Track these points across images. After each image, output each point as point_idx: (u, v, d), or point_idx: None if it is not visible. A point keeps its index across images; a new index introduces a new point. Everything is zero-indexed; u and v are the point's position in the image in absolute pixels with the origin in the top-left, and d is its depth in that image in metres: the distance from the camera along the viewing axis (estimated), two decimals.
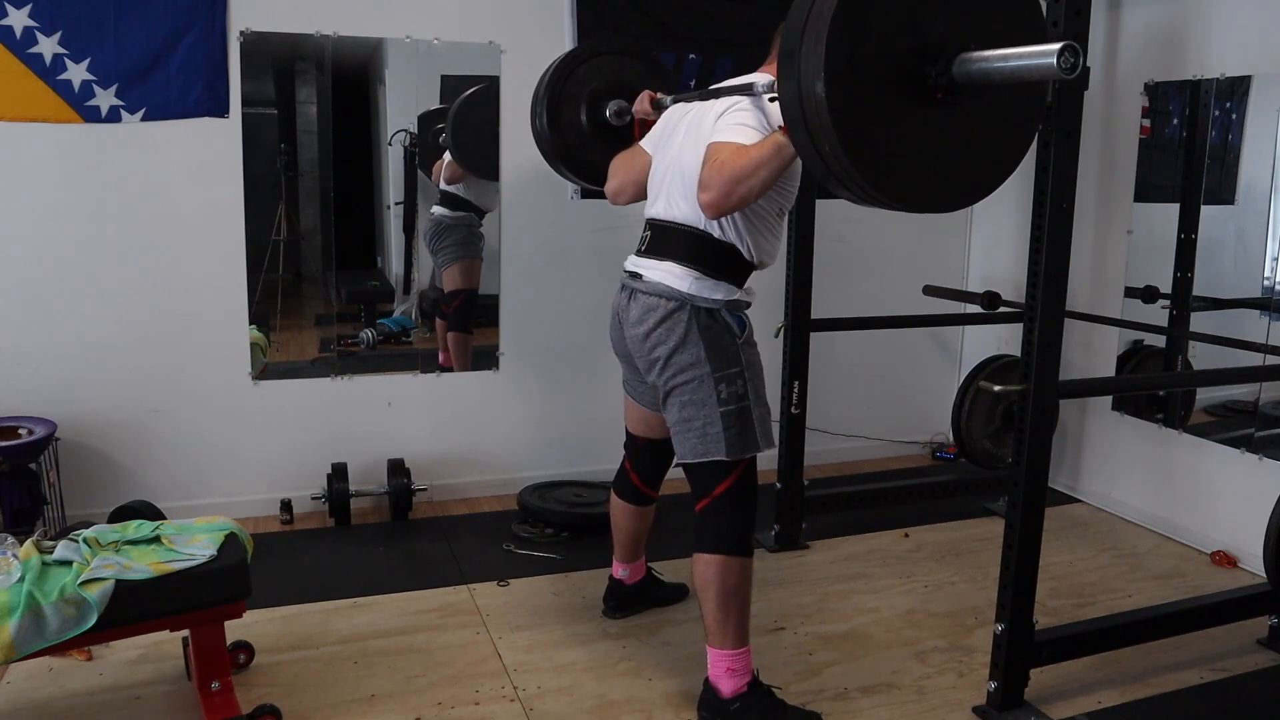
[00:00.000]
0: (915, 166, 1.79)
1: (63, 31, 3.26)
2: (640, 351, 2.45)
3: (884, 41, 1.67)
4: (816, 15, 1.66)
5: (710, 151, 2.22)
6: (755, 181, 2.13)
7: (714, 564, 2.37)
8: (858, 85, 1.66)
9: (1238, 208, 3.68)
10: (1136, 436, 3.96)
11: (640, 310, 2.42)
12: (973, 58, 1.68)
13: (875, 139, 1.72)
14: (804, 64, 1.67)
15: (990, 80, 1.68)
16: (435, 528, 3.74)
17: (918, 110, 1.73)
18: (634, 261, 2.50)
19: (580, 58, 3.01)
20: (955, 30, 1.70)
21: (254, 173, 3.61)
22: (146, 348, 3.58)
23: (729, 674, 2.39)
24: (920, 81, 1.71)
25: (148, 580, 2.18)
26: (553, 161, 3.07)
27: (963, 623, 3.04)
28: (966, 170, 1.86)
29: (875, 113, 1.70)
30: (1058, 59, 1.57)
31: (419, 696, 2.55)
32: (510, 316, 4.03)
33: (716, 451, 2.36)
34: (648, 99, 2.78)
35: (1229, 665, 2.80)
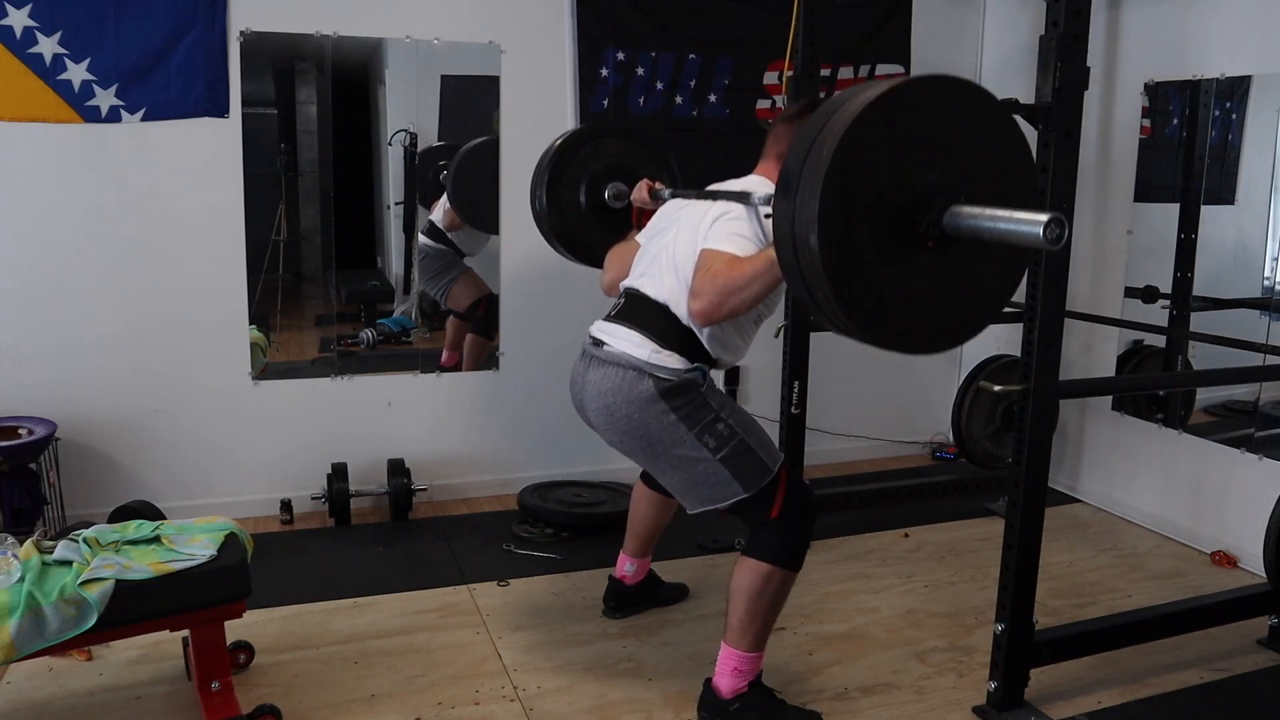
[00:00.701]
0: (905, 313, 1.81)
1: (63, 31, 3.26)
2: (604, 428, 2.43)
3: (877, 191, 1.69)
4: (812, 165, 1.68)
5: (704, 259, 2.26)
6: (748, 295, 2.19)
7: (758, 571, 2.34)
8: (851, 236, 1.69)
9: (1238, 208, 3.68)
10: (1136, 436, 3.96)
11: (598, 385, 2.39)
12: (963, 213, 1.69)
13: (867, 288, 1.74)
14: (799, 214, 1.69)
15: (978, 238, 1.70)
16: (435, 528, 3.74)
17: (909, 257, 1.75)
18: (599, 326, 2.50)
19: (583, 138, 3.05)
20: (947, 180, 1.72)
21: (254, 173, 3.61)
22: (146, 348, 3.58)
23: (734, 673, 2.39)
24: (912, 229, 1.73)
25: (148, 580, 2.18)
26: (548, 237, 3.10)
27: (963, 623, 3.04)
28: (954, 315, 1.87)
29: (867, 262, 1.72)
30: (1044, 230, 1.57)
31: (419, 696, 2.56)
32: (510, 316, 4.03)
33: (734, 493, 2.33)
34: (646, 188, 2.79)
35: (1229, 665, 2.80)
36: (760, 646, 2.40)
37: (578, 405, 2.53)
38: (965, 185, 1.72)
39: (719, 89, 4.13)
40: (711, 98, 4.13)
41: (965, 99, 1.76)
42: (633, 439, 2.39)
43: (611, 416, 2.38)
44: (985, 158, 1.78)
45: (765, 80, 4.15)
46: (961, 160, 1.74)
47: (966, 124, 1.75)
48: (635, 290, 2.47)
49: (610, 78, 3.96)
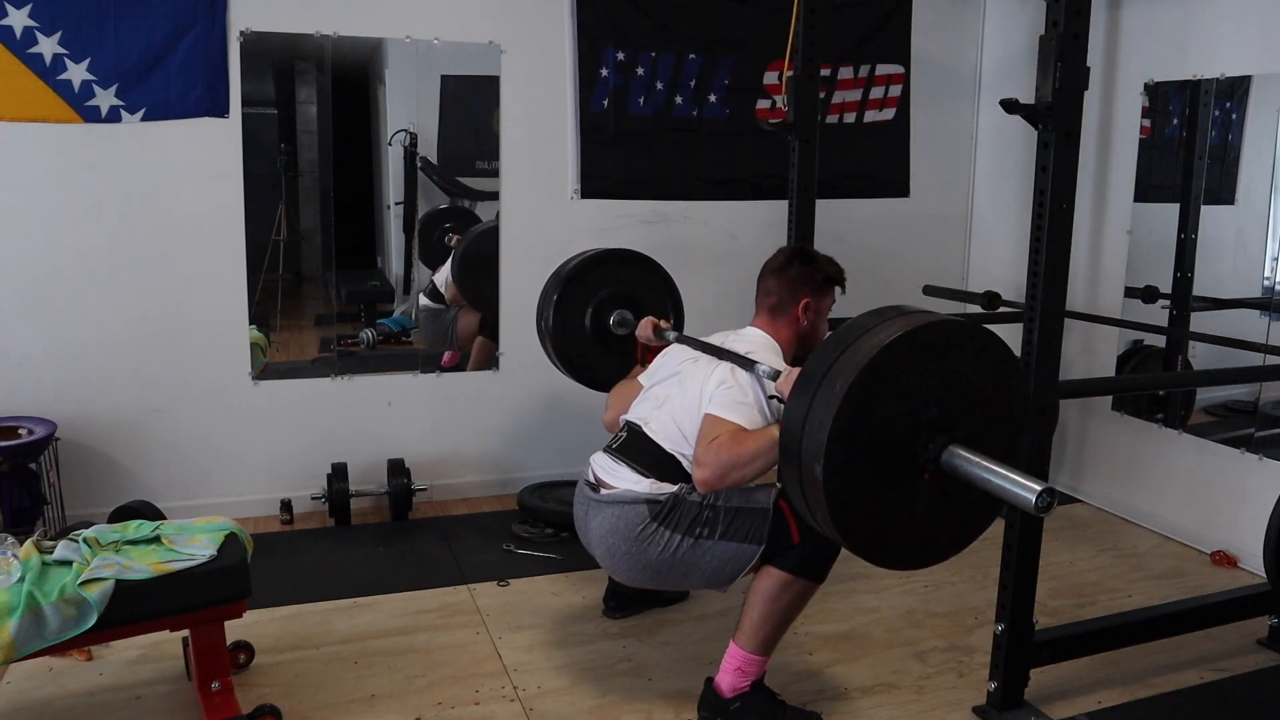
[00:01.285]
0: (896, 537, 1.91)
1: (63, 31, 3.26)
2: (613, 566, 2.47)
3: (882, 426, 1.79)
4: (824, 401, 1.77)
5: (708, 426, 2.30)
6: (750, 470, 2.24)
7: (779, 578, 2.34)
8: (853, 466, 1.79)
9: (1238, 208, 3.68)
10: (1136, 436, 3.96)
11: (599, 529, 2.43)
12: (961, 455, 1.79)
13: (862, 511, 1.84)
14: (807, 440, 1.79)
15: (971, 483, 1.79)
16: (435, 528, 3.74)
17: (905, 485, 1.84)
18: (600, 463, 2.54)
19: (595, 263, 3.13)
20: (947, 414, 1.82)
21: (254, 173, 3.61)
22: (146, 348, 3.58)
23: (737, 672, 2.39)
24: (911, 460, 1.82)
25: (148, 580, 2.18)
26: (550, 353, 3.19)
27: (963, 623, 3.04)
28: (942, 536, 1.97)
29: (866, 488, 1.83)
30: (1036, 499, 1.70)
31: (419, 696, 2.56)
32: (510, 317, 4.03)
33: (753, 553, 2.34)
34: (650, 325, 2.84)
35: (1229, 665, 2.80)
36: (768, 651, 2.40)
37: (584, 543, 2.56)
38: (965, 419, 1.83)
39: (719, 89, 4.13)
40: (711, 98, 4.13)
41: (972, 340, 1.89)
42: (640, 571, 2.42)
43: (614, 556, 2.42)
44: (985, 393, 1.89)
45: (765, 80, 4.15)
46: (963, 396, 1.85)
47: (970, 363, 1.87)
48: (638, 428, 2.51)
49: (610, 78, 3.96)
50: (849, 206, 4.34)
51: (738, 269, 4.14)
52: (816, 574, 2.36)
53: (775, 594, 2.34)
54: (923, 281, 4.32)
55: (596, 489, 2.49)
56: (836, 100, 4.36)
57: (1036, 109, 2.23)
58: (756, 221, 4.21)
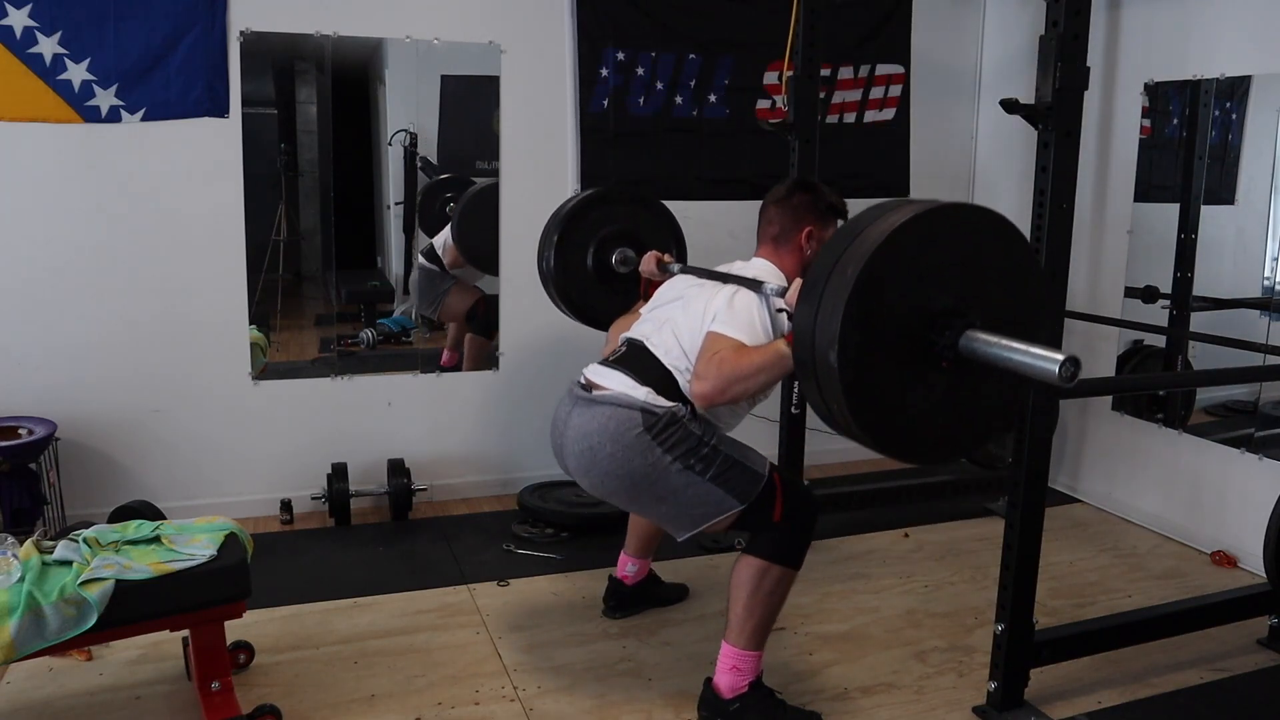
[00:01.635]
0: (916, 428, 1.86)
1: (63, 31, 3.26)
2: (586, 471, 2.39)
3: (896, 313, 1.75)
4: (836, 287, 1.72)
5: (710, 341, 2.27)
6: (752, 384, 2.20)
7: (756, 567, 2.35)
8: (869, 355, 1.74)
9: (1238, 208, 3.68)
10: (1136, 436, 3.96)
11: (582, 426, 2.36)
12: (979, 338, 1.73)
13: (881, 403, 1.79)
14: (819, 330, 1.74)
15: (991, 365, 1.74)
16: (435, 528, 3.74)
17: (923, 375, 1.79)
18: (594, 369, 2.49)
19: (594, 202, 3.08)
20: (963, 301, 1.77)
21: (254, 173, 3.60)
22: (146, 348, 3.58)
23: (733, 671, 2.39)
24: (928, 349, 1.77)
25: (148, 580, 2.18)
26: (554, 297, 3.13)
27: (963, 623, 3.04)
28: (962, 428, 1.92)
29: (883, 378, 1.77)
30: (1059, 368, 1.62)
31: (419, 696, 2.55)
32: (510, 317, 4.03)
33: (731, 506, 2.33)
34: (654, 260, 2.80)
35: (1229, 665, 2.80)
36: (759, 645, 2.40)
37: (556, 450, 2.50)
38: (980, 306, 1.78)
39: (719, 89, 4.13)
40: (711, 98, 4.13)
41: (982, 224, 1.84)
42: (614, 480, 2.35)
43: (594, 457, 2.35)
44: (999, 278, 1.84)
45: (765, 80, 4.15)
46: (977, 282, 1.81)
47: (982, 247, 1.82)
48: (639, 342, 2.47)
49: (610, 78, 3.96)
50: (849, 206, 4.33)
51: None
52: (793, 559, 2.37)
53: (755, 584, 2.34)
54: None
55: (588, 390, 2.44)
56: (836, 100, 4.36)
57: (1036, 109, 2.24)
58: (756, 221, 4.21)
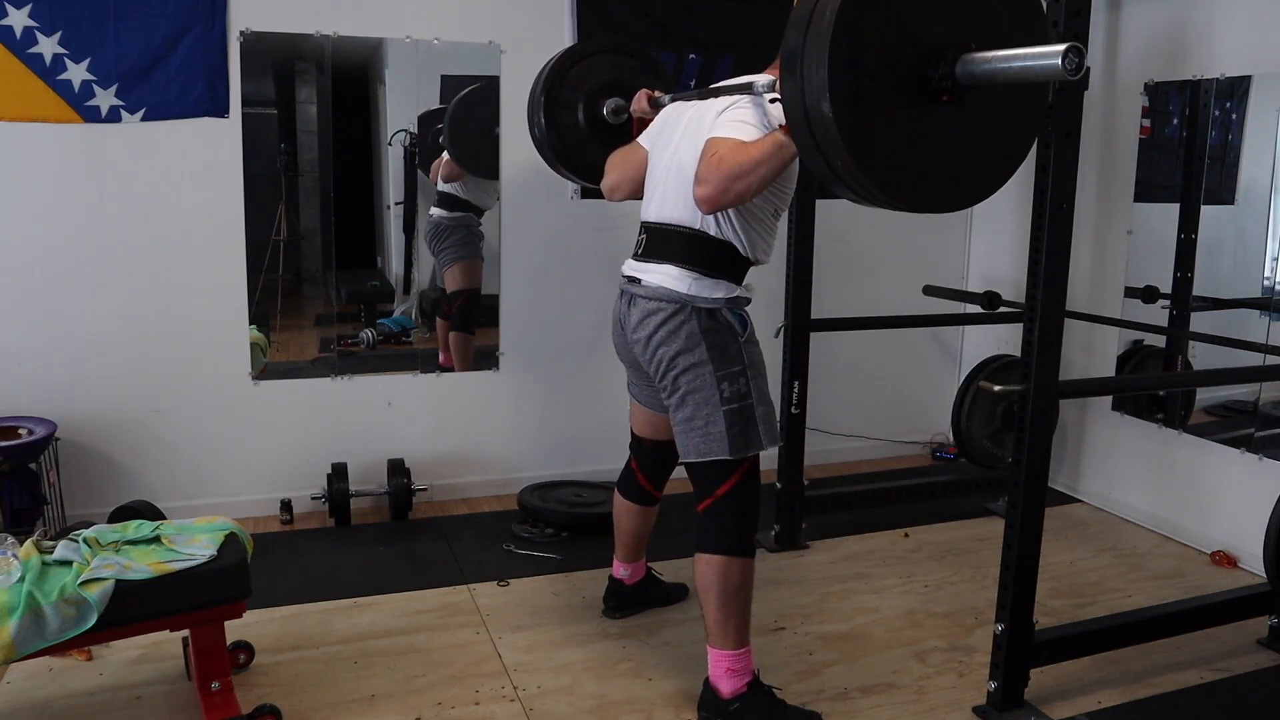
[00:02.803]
0: (926, 171, 1.78)
1: (63, 31, 3.26)
2: (644, 355, 2.45)
3: (885, 50, 1.66)
4: (815, 33, 1.65)
5: (708, 146, 2.21)
6: (754, 179, 2.12)
7: (715, 564, 2.37)
8: (863, 99, 1.66)
9: (1238, 208, 3.68)
10: (1136, 436, 3.96)
11: (640, 314, 2.42)
12: (975, 59, 1.67)
13: (886, 149, 1.72)
14: (807, 84, 1.66)
15: (994, 81, 1.67)
16: (435, 528, 3.74)
17: (925, 114, 1.72)
18: (631, 266, 2.50)
19: (573, 57, 3.00)
20: (955, 32, 1.70)
21: (254, 173, 3.60)
22: (146, 348, 3.58)
23: (729, 674, 2.39)
24: (925, 85, 1.70)
25: (148, 580, 2.18)
26: (553, 163, 3.07)
27: (963, 623, 3.04)
28: (974, 168, 1.86)
29: (884, 123, 1.70)
30: (1062, 60, 1.55)
31: (419, 696, 2.55)
32: (510, 316, 4.03)
33: (719, 450, 2.35)
34: (645, 97, 2.76)
35: (1229, 665, 2.80)
36: (744, 641, 2.40)
37: (618, 337, 2.55)
38: (973, 33, 1.69)
39: None
40: None
41: None
42: (665, 364, 2.38)
43: (650, 341, 2.40)
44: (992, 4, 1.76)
45: None
46: (967, 8, 1.72)
47: None
48: (654, 223, 2.45)
49: None
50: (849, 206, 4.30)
51: None
52: (743, 547, 2.39)
53: (722, 583, 2.36)
54: (923, 281, 4.32)
55: (634, 283, 2.45)
56: None
57: None
58: None
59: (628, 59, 3.04)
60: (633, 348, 2.49)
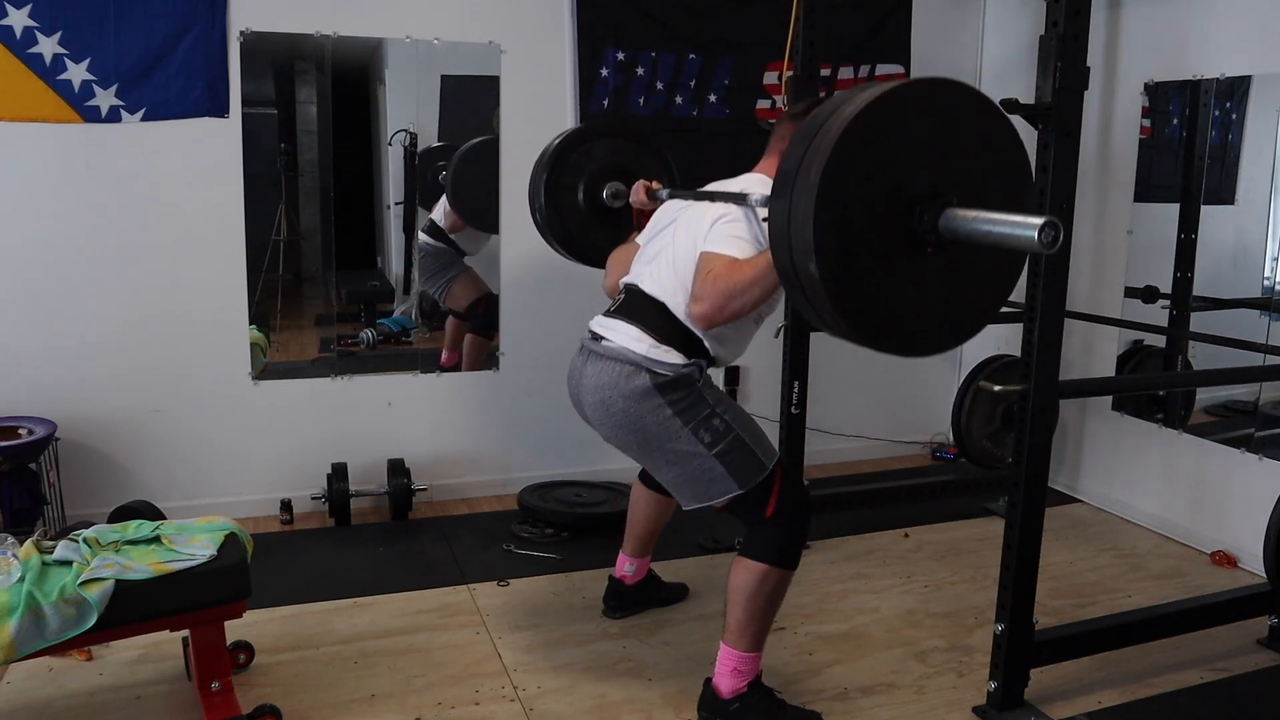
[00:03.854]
0: (910, 320, 1.80)
1: (63, 31, 3.26)
2: (600, 422, 2.44)
3: (871, 204, 1.67)
4: (801, 194, 1.65)
5: (704, 261, 2.27)
6: (748, 299, 2.20)
7: (755, 571, 2.35)
8: (850, 259, 1.68)
9: (1238, 208, 3.68)
10: (1136, 436, 3.96)
11: (595, 379, 2.40)
12: (958, 216, 1.67)
13: (872, 303, 1.73)
14: (794, 241, 1.68)
15: (974, 241, 1.67)
16: (435, 528, 3.74)
17: (909, 262, 1.73)
18: (599, 321, 2.51)
19: (577, 140, 3.05)
20: (940, 181, 1.70)
21: (254, 173, 3.61)
22: (146, 348, 3.58)
23: (733, 673, 2.39)
24: (909, 236, 1.71)
25: (148, 580, 2.18)
26: (552, 243, 3.12)
27: (963, 623, 3.04)
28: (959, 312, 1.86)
29: (870, 277, 1.71)
30: (1039, 234, 1.56)
31: (419, 696, 2.55)
32: (510, 316, 4.03)
33: (728, 489, 2.34)
34: (643, 190, 2.80)
35: (1229, 665, 2.80)
36: (759, 646, 2.40)
37: (575, 400, 2.53)
38: (958, 184, 1.70)
39: (719, 89, 4.13)
40: (711, 98, 4.13)
41: (951, 99, 1.74)
42: (628, 433, 2.39)
43: (608, 411, 2.39)
44: (976, 154, 1.76)
45: (765, 80, 4.15)
46: (953, 160, 1.73)
47: (955, 124, 1.73)
48: (635, 286, 2.48)
49: (610, 78, 3.96)
50: None
51: None
52: (788, 561, 2.37)
53: (754, 588, 2.34)
54: None
55: (596, 340, 2.46)
56: None
57: (1036, 109, 2.24)
58: None
59: (631, 144, 3.10)
60: (584, 409, 2.48)
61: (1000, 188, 1.76)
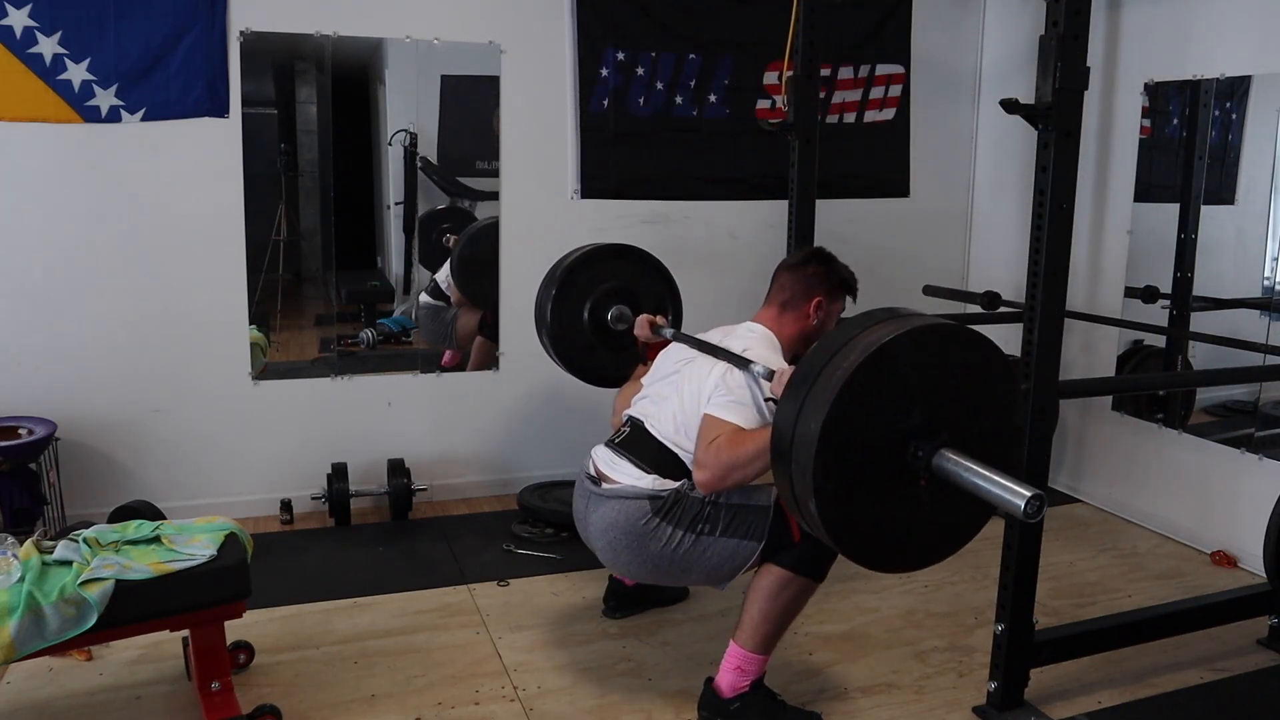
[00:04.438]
0: (899, 544, 1.91)
1: (63, 31, 3.26)
2: (612, 563, 2.51)
3: (868, 448, 1.78)
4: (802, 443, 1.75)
5: (707, 426, 2.32)
6: (751, 470, 2.24)
7: (779, 576, 2.35)
8: (847, 496, 1.78)
9: (1238, 208, 3.68)
10: (1136, 436, 3.96)
11: (601, 521, 2.44)
12: (951, 460, 1.77)
13: (863, 530, 1.85)
14: (795, 476, 1.78)
15: (963, 488, 1.77)
16: (435, 528, 3.74)
17: (904, 492, 1.83)
18: (603, 456, 2.55)
19: (584, 262, 3.11)
20: (934, 418, 1.80)
21: (254, 173, 3.61)
22: (146, 348, 3.58)
23: (737, 671, 2.39)
24: (903, 468, 1.81)
25: (148, 580, 2.18)
26: (552, 355, 3.18)
27: (963, 623, 3.04)
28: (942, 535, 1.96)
29: (864, 508, 1.82)
30: (1025, 505, 1.66)
31: (419, 696, 2.56)
32: (510, 317, 4.03)
33: (753, 550, 2.36)
34: (647, 324, 2.86)
35: (1229, 665, 2.80)
36: (768, 650, 2.40)
37: (582, 536, 2.57)
38: (951, 419, 1.81)
39: (719, 89, 4.13)
40: (711, 98, 4.13)
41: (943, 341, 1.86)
42: (641, 566, 2.43)
43: (615, 550, 2.43)
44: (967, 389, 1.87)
45: (765, 80, 4.15)
46: (945, 396, 1.83)
47: (946, 363, 1.85)
48: (640, 424, 2.53)
49: (610, 78, 3.96)
50: (849, 206, 4.34)
51: (738, 269, 4.15)
52: (817, 572, 2.37)
53: (775, 592, 2.34)
54: (923, 281, 4.32)
55: (598, 482, 2.50)
56: (836, 100, 4.36)
57: (1036, 109, 2.23)
58: (756, 221, 4.22)
59: (642, 269, 3.18)
60: (592, 546, 2.52)
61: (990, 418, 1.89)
